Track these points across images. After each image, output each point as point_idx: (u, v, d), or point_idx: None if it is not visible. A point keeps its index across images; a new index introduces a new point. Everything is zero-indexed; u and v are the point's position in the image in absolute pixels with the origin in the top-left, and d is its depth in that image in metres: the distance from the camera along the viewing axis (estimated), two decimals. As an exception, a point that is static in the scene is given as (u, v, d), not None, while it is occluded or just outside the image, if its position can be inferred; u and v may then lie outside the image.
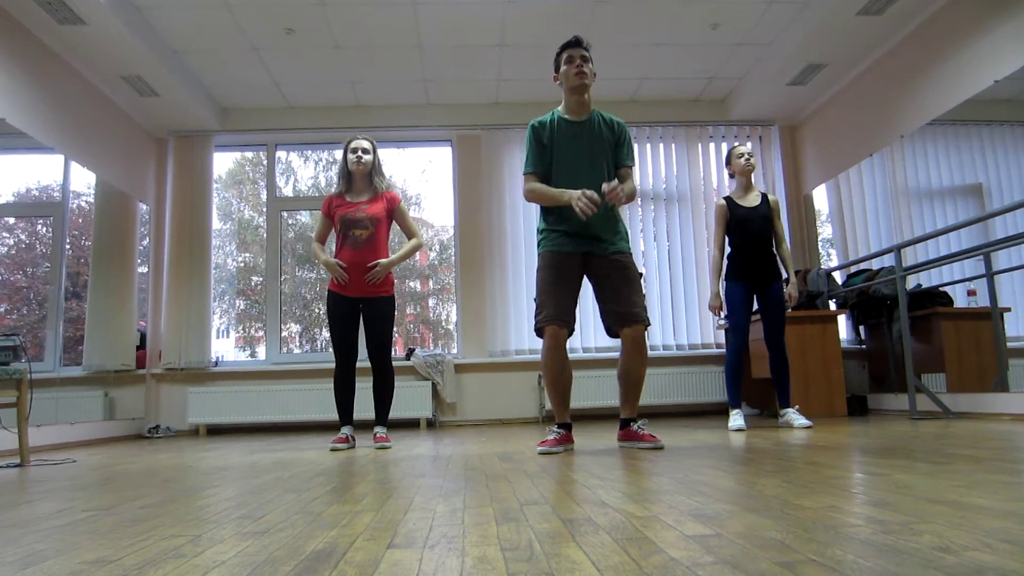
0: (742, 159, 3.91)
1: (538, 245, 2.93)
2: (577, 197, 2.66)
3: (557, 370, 2.81)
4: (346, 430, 3.44)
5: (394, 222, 3.55)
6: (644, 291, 2.89)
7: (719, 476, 1.83)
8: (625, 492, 1.61)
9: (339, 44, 4.92)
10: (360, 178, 3.47)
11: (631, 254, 2.91)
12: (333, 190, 3.58)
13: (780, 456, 2.27)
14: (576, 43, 2.86)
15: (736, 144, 4.11)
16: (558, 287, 2.80)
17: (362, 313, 3.46)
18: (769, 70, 5.24)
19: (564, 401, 2.86)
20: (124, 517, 1.50)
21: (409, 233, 3.55)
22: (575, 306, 2.86)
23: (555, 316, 2.77)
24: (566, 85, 2.88)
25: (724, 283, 3.91)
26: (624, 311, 2.78)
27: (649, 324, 2.84)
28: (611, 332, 2.88)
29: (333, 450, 3.26)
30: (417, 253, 3.67)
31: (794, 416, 3.72)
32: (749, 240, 3.83)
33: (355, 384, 3.48)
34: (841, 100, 5.41)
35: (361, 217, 3.39)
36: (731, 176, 4.02)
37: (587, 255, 2.84)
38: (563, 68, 2.88)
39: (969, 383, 4.21)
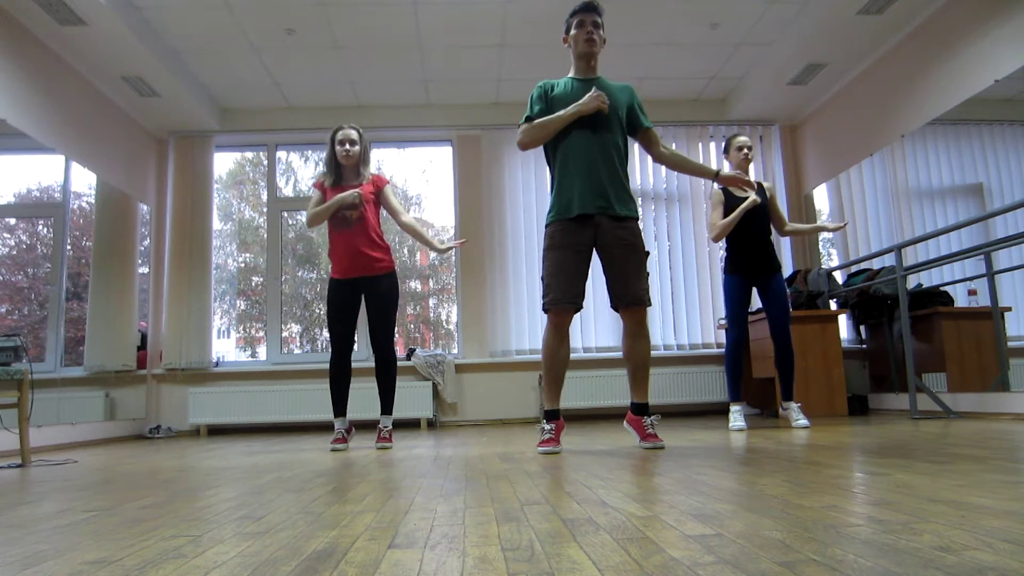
0: (741, 152, 3.84)
1: (548, 214, 2.86)
2: (589, 99, 2.72)
3: (554, 349, 2.80)
4: (340, 424, 3.43)
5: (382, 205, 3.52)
6: (648, 271, 2.88)
7: (719, 476, 1.83)
8: (626, 492, 1.61)
9: (339, 44, 4.92)
10: (349, 169, 3.47)
11: (638, 220, 2.86)
12: (320, 176, 3.53)
13: (780, 456, 2.27)
14: (589, 7, 2.81)
15: (736, 133, 4.00)
16: (566, 266, 2.76)
17: (364, 295, 3.44)
18: (769, 70, 5.23)
19: (558, 384, 2.85)
20: (125, 517, 1.50)
21: (396, 211, 3.50)
22: (585, 282, 2.81)
23: (562, 299, 2.75)
24: (575, 49, 2.84)
25: (722, 276, 3.90)
26: (626, 292, 2.76)
27: (650, 304, 2.82)
28: (614, 307, 2.85)
29: (333, 451, 3.28)
30: (418, 254, 3.65)
31: (795, 413, 3.72)
32: (747, 233, 3.79)
33: (351, 375, 3.47)
34: (841, 100, 5.41)
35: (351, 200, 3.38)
36: (726, 161, 3.96)
37: (598, 223, 2.76)
38: (573, 32, 2.83)
39: (970, 383, 4.21)
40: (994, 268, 4.03)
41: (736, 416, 3.73)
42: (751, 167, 3.94)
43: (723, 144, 4.01)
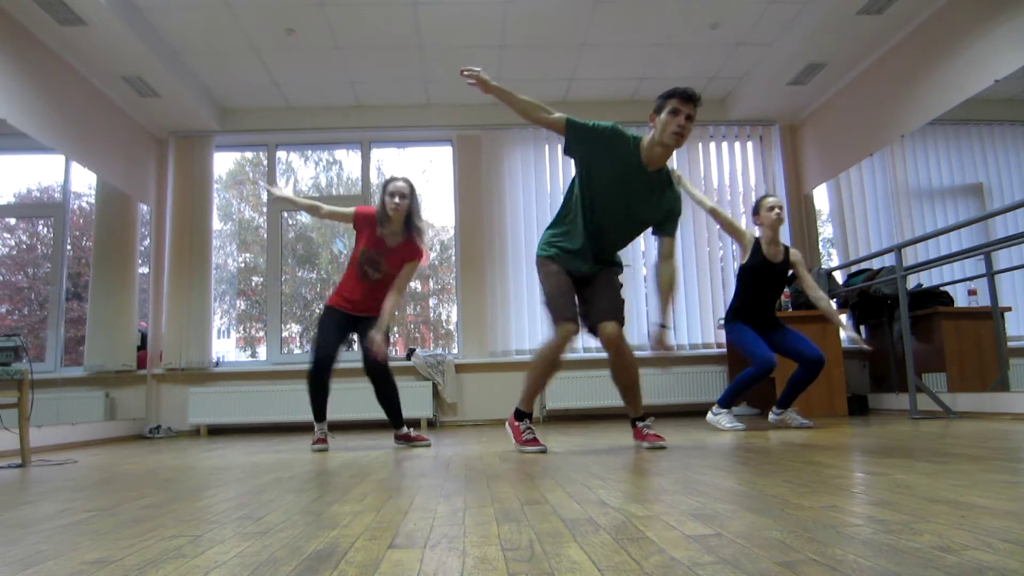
0: (773, 212, 3.69)
1: (545, 247, 2.88)
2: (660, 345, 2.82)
3: (556, 366, 2.84)
4: (321, 427, 3.43)
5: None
6: (624, 298, 2.93)
7: (719, 476, 1.83)
8: (626, 492, 1.62)
9: (339, 44, 4.92)
10: (396, 221, 3.41)
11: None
12: (376, 216, 3.43)
13: (780, 456, 2.27)
14: (688, 98, 2.66)
15: (765, 194, 3.85)
16: (566, 291, 2.79)
17: (360, 329, 3.46)
18: (769, 70, 5.23)
19: (540, 391, 2.99)
20: (125, 517, 1.50)
21: (400, 287, 3.44)
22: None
23: (573, 317, 2.77)
24: (658, 135, 2.69)
25: (726, 325, 3.80)
26: (602, 307, 2.78)
27: (622, 323, 2.81)
28: (592, 331, 2.87)
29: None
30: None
31: (794, 415, 3.73)
32: (760, 290, 3.72)
33: (330, 386, 3.45)
34: (841, 100, 5.41)
35: (380, 263, 3.40)
36: (756, 224, 3.80)
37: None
38: (664, 116, 2.67)
39: (970, 383, 4.21)
40: (994, 268, 4.03)
41: (727, 416, 3.73)
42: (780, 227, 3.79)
43: (752, 207, 3.84)
